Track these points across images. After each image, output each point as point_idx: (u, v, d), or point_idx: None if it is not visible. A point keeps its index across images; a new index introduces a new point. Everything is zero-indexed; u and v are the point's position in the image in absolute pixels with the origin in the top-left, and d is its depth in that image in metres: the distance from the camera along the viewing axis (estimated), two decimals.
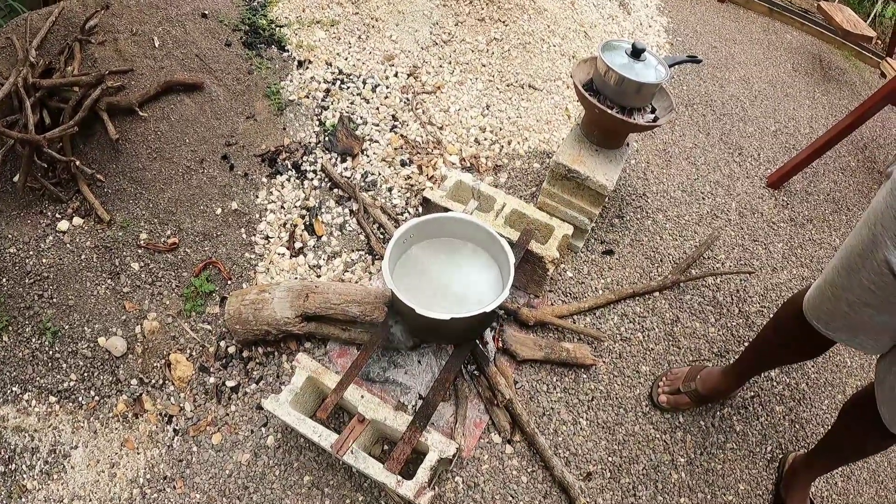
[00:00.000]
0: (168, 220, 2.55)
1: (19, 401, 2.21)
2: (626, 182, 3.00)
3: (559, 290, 2.56)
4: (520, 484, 2.08)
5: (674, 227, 2.86)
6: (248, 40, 3.13)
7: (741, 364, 2.14)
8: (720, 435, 2.29)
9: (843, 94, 4.03)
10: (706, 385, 2.22)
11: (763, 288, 2.74)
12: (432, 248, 2.15)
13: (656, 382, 2.34)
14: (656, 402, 2.30)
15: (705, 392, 2.22)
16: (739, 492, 2.19)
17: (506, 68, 3.43)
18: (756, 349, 2.07)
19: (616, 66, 2.17)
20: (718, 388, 2.23)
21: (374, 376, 2.19)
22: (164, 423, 2.19)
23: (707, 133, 3.39)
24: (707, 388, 2.22)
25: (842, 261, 1.43)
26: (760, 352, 2.05)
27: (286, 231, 2.61)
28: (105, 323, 2.33)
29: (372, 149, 2.93)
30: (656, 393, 2.31)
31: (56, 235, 2.48)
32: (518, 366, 2.31)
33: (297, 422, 1.88)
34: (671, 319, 2.54)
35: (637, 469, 2.17)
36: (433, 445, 1.86)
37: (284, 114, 2.95)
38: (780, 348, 1.95)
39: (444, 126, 3.08)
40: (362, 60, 3.31)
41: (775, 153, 3.41)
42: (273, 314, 2.15)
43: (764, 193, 3.17)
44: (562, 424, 2.22)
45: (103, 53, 2.73)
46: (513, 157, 3.02)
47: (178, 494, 2.05)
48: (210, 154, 2.70)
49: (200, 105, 2.77)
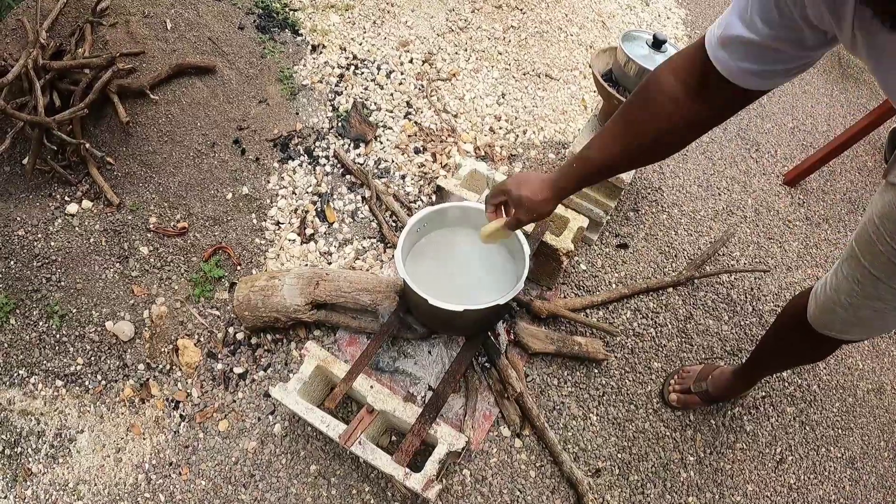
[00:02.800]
0: (178, 205, 2.53)
1: (26, 384, 2.19)
2: (641, 175, 2.96)
3: (572, 282, 2.53)
4: (528, 478, 2.06)
5: (689, 223, 2.83)
6: (261, 24, 3.10)
7: (749, 366, 2.11)
8: (730, 434, 2.27)
9: (862, 93, 3.97)
10: (717, 385, 2.20)
11: (777, 287, 2.70)
12: (446, 237, 2.12)
13: (668, 380, 2.31)
14: (666, 400, 2.28)
15: (715, 392, 2.20)
16: (748, 493, 2.16)
17: (522, 57, 3.39)
18: (761, 354, 2.04)
19: (637, 56, 2.13)
20: (729, 389, 2.20)
21: (384, 366, 2.17)
22: (171, 409, 2.17)
23: (724, 128, 3.34)
24: (717, 388, 2.19)
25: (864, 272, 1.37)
26: (765, 357, 2.03)
27: (297, 217, 2.59)
28: (113, 307, 2.31)
29: (385, 135, 2.90)
30: (667, 391, 2.28)
31: (65, 218, 2.46)
32: (529, 359, 2.29)
33: (305, 411, 1.86)
34: (684, 316, 2.51)
35: (646, 466, 2.15)
36: (442, 438, 1.84)
37: (297, 98, 2.92)
38: (784, 356, 1.94)
39: (458, 114, 3.05)
40: (377, 46, 3.27)
41: (792, 150, 3.36)
42: (282, 301, 2.12)
43: (780, 191, 3.12)
44: (572, 419, 2.20)
45: (114, 35, 2.70)
46: (528, 146, 2.99)
47: (184, 481, 2.03)
48: (221, 138, 2.67)
49: (212, 89, 2.74)
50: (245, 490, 2.01)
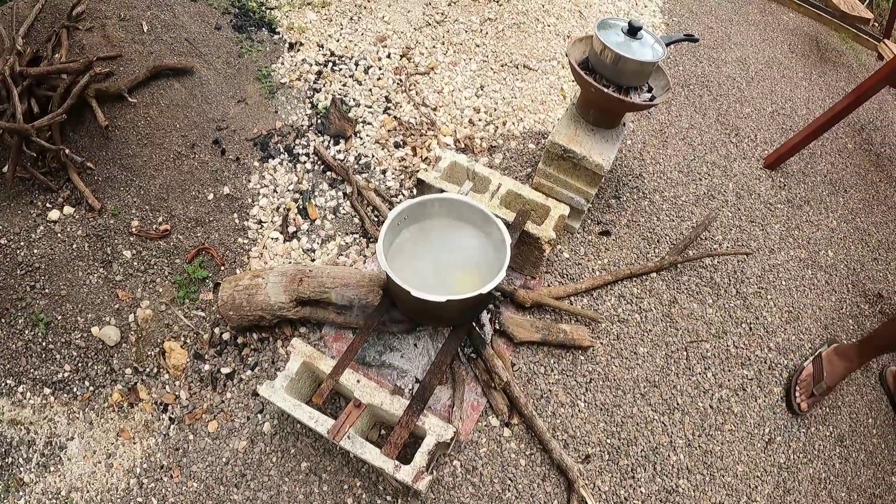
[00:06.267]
0: (160, 207, 2.52)
1: (14, 393, 2.18)
2: (622, 163, 2.98)
3: (556, 271, 2.54)
4: (518, 467, 2.07)
5: (670, 208, 2.84)
6: (237, 23, 3.09)
7: (865, 351, 2.33)
8: (718, 416, 2.29)
9: (840, 76, 4.00)
10: (834, 379, 2.35)
11: (760, 269, 2.73)
12: (427, 229, 2.12)
13: (790, 392, 2.40)
14: (798, 412, 2.37)
15: (833, 384, 2.36)
16: (738, 473, 2.19)
17: (500, 48, 3.39)
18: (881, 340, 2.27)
19: (612, 44, 2.14)
20: (843, 376, 2.38)
21: (370, 360, 2.17)
22: (160, 412, 2.17)
23: (703, 114, 3.36)
24: (835, 380, 2.35)
25: None
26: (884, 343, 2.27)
27: (279, 215, 2.59)
28: (98, 312, 2.31)
29: (365, 131, 2.90)
30: (796, 403, 2.36)
31: (47, 225, 2.45)
32: (515, 348, 2.30)
33: (293, 408, 1.87)
34: (668, 300, 2.53)
35: (635, 451, 2.17)
36: (430, 429, 1.84)
37: (276, 97, 2.91)
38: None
39: (437, 107, 3.05)
40: (354, 42, 3.27)
41: (772, 134, 3.38)
42: (267, 299, 2.12)
43: (761, 174, 3.14)
44: (560, 406, 2.21)
45: (91, 40, 2.69)
46: (508, 137, 2.99)
47: (176, 483, 2.03)
48: (201, 139, 2.66)
49: (190, 90, 2.73)
50: (237, 490, 2.01)
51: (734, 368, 2.42)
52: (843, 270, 2.85)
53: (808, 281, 2.76)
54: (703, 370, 2.39)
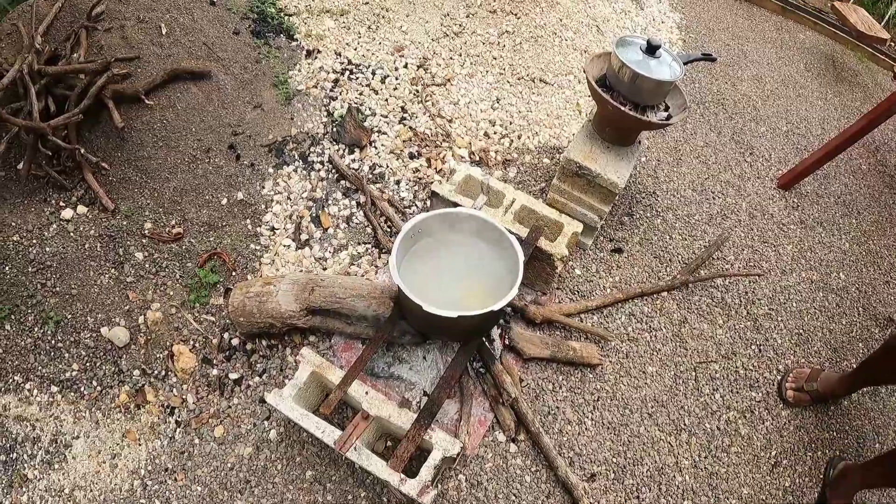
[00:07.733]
0: (173, 210, 2.53)
1: (21, 390, 2.19)
2: (636, 180, 2.97)
3: (567, 287, 2.53)
4: (523, 483, 2.06)
5: (683, 227, 2.84)
6: (256, 29, 3.10)
7: (854, 377, 2.28)
8: (725, 438, 2.28)
9: (856, 97, 3.98)
10: (824, 387, 2.34)
11: (772, 290, 2.71)
12: (440, 243, 2.12)
13: (783, 381, 2.44)
14: (784, 397, 2.41)
15: (823, 392, 2.36)
16: (743, 496, 2.17)
17: (517, 61, 3.39)
18: (869, 369, 2.22)
19: (631, 62, 2.14)
20: (833, 391, 2.35)
21: (379, 371, 2.17)
22: (167, 415, 2.17)
23: (718, 132, 3.35)
24: (825, 389, 2.34)
25: None
26: (873, 372, 2.22)
27: (292, 222, 2.59)
28: (108, 313, 2.31)
29: (380, 140, 2.91)
30: (784, 388, 2.41)
31: (60, 224, 2.46)
32: (524, 364, 2.29)
33: (301, 417, 1.87)
34: (679, 320, 2.52)
35: (641, 471, 2.16)
36: (437, 443, 1.84)
37: (292, 104, 2.92)
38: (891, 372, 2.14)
39: (453, 119, 3.05)
40: (372, 51, 3.27)
41: (786, 154, 3.37)
42: (277, 307, 2.13)
43: (774, 195, 3.13)
44: (567, 424, 2.20)
45: (110, 40, 2.71)
46: (522, 151, 2.99)
47: (180, 486, 2.03)
48: (216, 143, 2.67)
49: (207, 94, 2.74)
50: (241, 496, 2.01)
51: (742, 390, 2.41)
52: (855, 293, 2.83)
53: (818, 303, 2.74)
54: (712, 391, 2.38)
